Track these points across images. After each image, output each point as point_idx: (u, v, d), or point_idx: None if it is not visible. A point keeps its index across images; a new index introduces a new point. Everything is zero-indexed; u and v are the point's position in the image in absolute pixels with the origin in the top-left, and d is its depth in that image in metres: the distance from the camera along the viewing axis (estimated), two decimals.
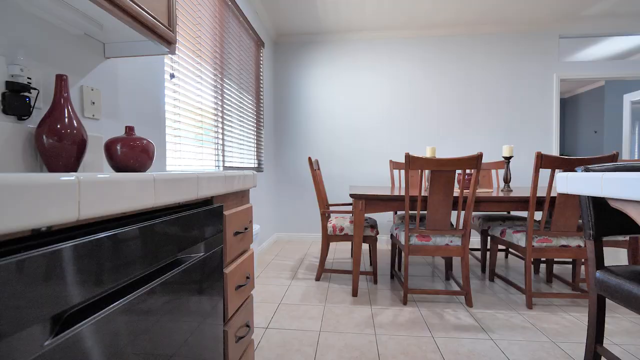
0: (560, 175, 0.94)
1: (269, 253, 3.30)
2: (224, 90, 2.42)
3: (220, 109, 2.38)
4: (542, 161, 1.88)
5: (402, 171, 3.73)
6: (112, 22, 0.98)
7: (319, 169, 2.84)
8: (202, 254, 0.74)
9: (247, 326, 1.05)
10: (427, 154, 2.57)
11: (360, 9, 3.17)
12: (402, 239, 2.16)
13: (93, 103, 1.14)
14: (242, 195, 1.08)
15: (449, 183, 1.94)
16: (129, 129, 1.05)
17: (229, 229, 0.91)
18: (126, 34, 1.07)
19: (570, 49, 4.12)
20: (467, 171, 2.44)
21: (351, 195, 2.14)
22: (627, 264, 2.62)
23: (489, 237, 3.45)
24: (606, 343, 1.61)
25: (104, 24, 0.99)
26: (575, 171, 1.10)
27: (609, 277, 0.97)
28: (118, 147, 1.00)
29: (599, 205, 1.04)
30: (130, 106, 1.34)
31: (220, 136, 2.39)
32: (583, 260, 2.13)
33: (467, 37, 3.61)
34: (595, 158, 1.85)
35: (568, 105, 6.51)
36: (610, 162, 1.86)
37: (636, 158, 4.31)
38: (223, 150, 2.43)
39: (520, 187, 2.96)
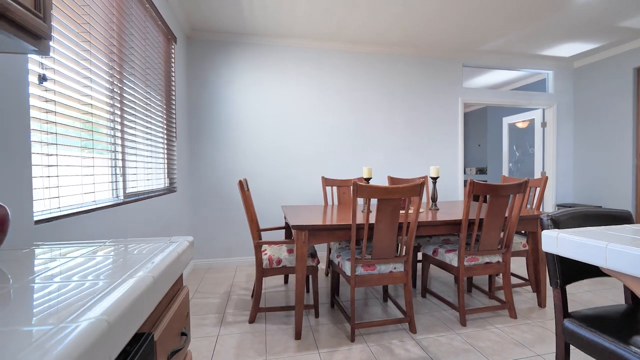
0: (548, 234, 0.89)
1: None
2: (124, 94, 1.87)
3: (119, 119, 1.82)
4: (474, 188, 1.99)
5: (335, 187, 3.65)
6: None
7: (248, 189, 2.49)
8: None
9: None
10: (364, 174, 2.51)
11: (291, 12, 2.94)
12: (346, 269, 2.01)
13: None
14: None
15: (395, 210, 1.89)
16: None
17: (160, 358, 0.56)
18: None
19: (469, 77, 4.75)
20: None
21: (293, 227, 1.89)
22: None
23: (418, 254, 3.63)
24: None
25: None
26: (541, 220, 1.10)
27: (580, 328, 0.98)
28: None
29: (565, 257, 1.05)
30: None
31: (120, 155, 1.83)
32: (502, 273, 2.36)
33: (390, 57, 3.75)
34: (510, 185, 2.05)
35: None
36: (520, 187, 2.09)
37: (511, 176, 5.24)
38: (123, 172, 1.88)
39: (440, 201, 3.19)
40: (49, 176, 1.19)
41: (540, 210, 2.59)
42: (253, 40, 3.39)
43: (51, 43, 1.19)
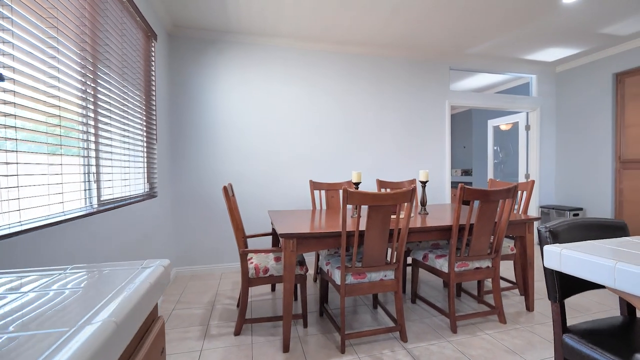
0: (551, 249, 0.85)
1: (168, 299, 2.64)
2: (98, 95, 1.74)
3: (93, 122, 1.69)
4: (465, 193, 1.97)
5: (323, 191, 3.58)
6: None
7: (233, 195, 2.40)
8: None
9: None
10: (353, 179, 2.46)
11: (278, 10, 2.85)
12: (336, 277, 1.95)
13: None
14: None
15: (386, 217, 1.84)
16: None
17: None
18: None
19: (455, 79, 4.78)
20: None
21: (281, 235, 1.81)
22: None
23: (408, 258, 3.62)
24: None
25: None
26: (539, 232, 1.06)
27: (580, 344, 0.94)
28: None
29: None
30: None
31: (94, 161, 1.70)
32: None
33: (378, 59, 3.72)
34: (501, 190, 2.04)
35: None
36: (509, 192, 2.08)
37: (496, 179, 5.32)
38: (98, 178, 1.75)
39: (428, 205, 3.18)
40: (7, 187, 1.07)
41: (527, 214, 2.60)
42: (238, 39, 3.28)
43: (11, 39, 1.07)
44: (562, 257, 0.82)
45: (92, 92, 1.67)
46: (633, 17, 2.96)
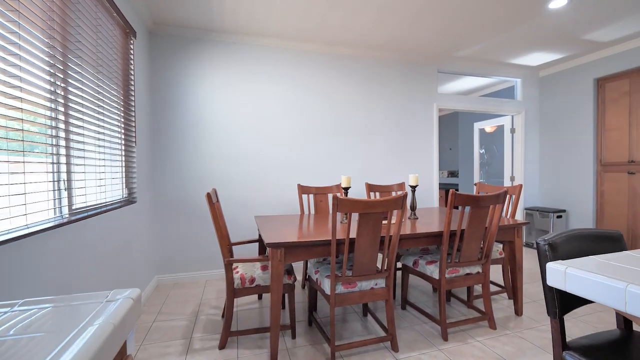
0: (554, 267, 0.81)
1: (149, 310, 2.50)
2: (69, 96, 1.61)
3: (64, 125, 1.57)
4: (455, 199, 1.94)
5: (311, 195, 3.50)
6: None
7: (218, 201, 2.29)
8: None
9: None
10: (343, 183, 2.40)
11: (267, 10, 2.76)
12: (325, 287, 1.89)
13: None
14: None
15: (377, 224, 1.78)
16: None
17: None
18: None
19: (442, 82, 4.80)
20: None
21: (268, 245, 1.73)
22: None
23: (397, 263, 3.58)
24: None
25: None
26: (538, 245, 1.02)
27: None
28: None
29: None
30: None
31: (65, 167, 1.58)
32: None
33: (369, 59, 3.68)
34: (491, 196, 2.02)
35: None
36: (498, 198, 2.07)
37: (482, 181, 5.38)
38: (69, 185, 1.62)
39: (417, 208, 3.16)
40: None
41: (515, 218, 2.61)
42: (223, 38, 3.17)
43: None
44: (567, 276, 0.78)
45: (62, 93, 1.55)
46: (615, 23, 3.03)
